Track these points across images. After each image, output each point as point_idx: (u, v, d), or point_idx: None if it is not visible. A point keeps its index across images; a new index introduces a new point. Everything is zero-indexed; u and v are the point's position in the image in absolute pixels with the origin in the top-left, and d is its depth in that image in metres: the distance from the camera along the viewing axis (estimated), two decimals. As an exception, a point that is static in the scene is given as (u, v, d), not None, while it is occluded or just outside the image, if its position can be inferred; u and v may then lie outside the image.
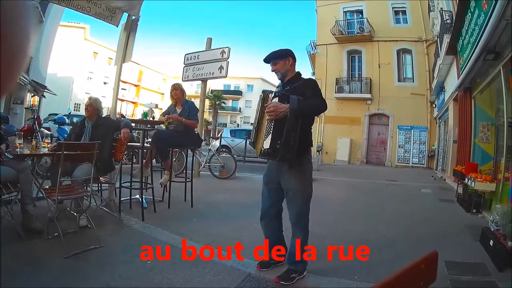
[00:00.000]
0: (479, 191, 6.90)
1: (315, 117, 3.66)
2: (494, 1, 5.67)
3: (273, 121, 3.17)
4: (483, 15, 6.47)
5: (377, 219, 6.34)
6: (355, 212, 6.96)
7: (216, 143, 15.42)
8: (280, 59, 3.52)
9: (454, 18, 10.11)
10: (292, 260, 3.47)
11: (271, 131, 3.17)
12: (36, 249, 3.71)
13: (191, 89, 49.12)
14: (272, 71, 3.57)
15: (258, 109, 3.41)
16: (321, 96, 3.42)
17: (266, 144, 3.17)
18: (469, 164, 8.49)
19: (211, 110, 53.28)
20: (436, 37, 17.49)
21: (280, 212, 3.68)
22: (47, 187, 4.46)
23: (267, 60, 3.58)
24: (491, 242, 4.35)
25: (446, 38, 11.72)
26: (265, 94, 3.43)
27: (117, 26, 5.86)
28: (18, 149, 4.42)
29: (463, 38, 9.10)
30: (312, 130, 3.62)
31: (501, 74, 6.82)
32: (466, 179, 7.54)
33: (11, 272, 3.11)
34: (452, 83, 12.35)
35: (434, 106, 20.47)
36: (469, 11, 8.13)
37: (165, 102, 49.99)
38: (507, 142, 6.58)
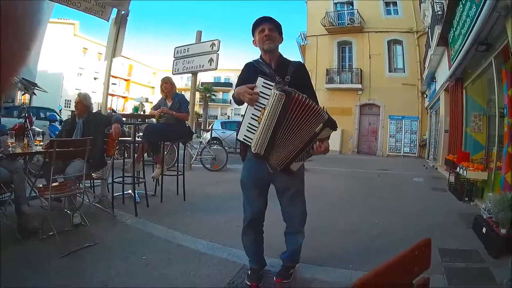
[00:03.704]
0: (471, 179, 6.95)
1: None
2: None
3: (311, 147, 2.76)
4: (474, 6, 6.48)
5: (370, 208, 6.40)
6: (347, 201, 6.99)
7: (207, 136, 15.32)
8: (278, 30, 3.04)
9: (445, 9, 10.12)
10: (292, 258, 3.38)
11: (308, 156, 2.85)
12: (32, 250, 3.69)
13: (181, 82, 48.97)
14: (265, 35, 2.94)
15: (275, 112, 2.67)
16: (314, 89, 3.09)
17: (295, 166, 2.84)
18: (461, 153, 8.54)
19: (201, 103, 53.17)
20: (427, 28, 17.53)
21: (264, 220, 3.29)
22: (41, 185, 4.42)
23: (264, 19, 3.00)
24: (484, 230, 4.39)
25: (438, 29, 11.75)
26: (289, 95, 2.65)
27: (107, 21, 5.81)
28: (10, 148, 4.38)
29: (454, 29, 9.12)
30: None
31: (493, 66, 6.86)
32: (458, 168, 7.59)
33: (9, 273, 3.09)
34: (443, 73, 12.39)
35: (425, 96, 20.58)
36: (460, 2, 8.14)
37: (156, 96, 49.74)
38: (499, 132, 6.62)
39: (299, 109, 2.63)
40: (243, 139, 2.83)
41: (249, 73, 3.01)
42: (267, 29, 2.95)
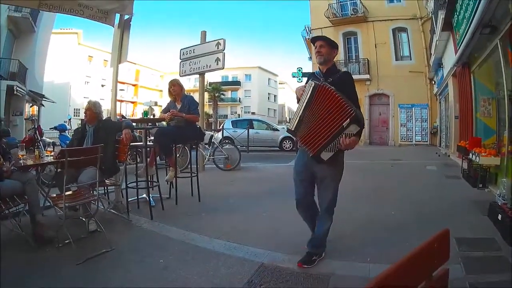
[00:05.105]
0: (484, 165, 6.90)
1: None
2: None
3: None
4: (477, -12, 6.43)
5: (385, 199, 6.37)
6: (362, 193, 6.93)
7: (219, 135, 15.29)
8: (329, 46, 3.54)
9: (447, -7, 10.02)
10: (316, 243, 3.59)
11: (335, 149, 3.24)
12: (49, 258, 3.70)
13: (189, 83, 48.98)
14: (316, 51, 3.52)
15: (306, 96, 3.27)
16: (357, 97, 3.51)
17: (326, 156, 3.26)
18: (473, 139, 8.47)
19: (210, 103, 53.26)
20: (430, 14, 17.37)
21: (314, 201, 3.71)
22: (54, 195, 4.45)
23: (317, 38, 3.63)
24: (500, 216, 4.35)
25: (441, 14, 11.62)
26: (318, 84, 3.24)
27: (113, 26, 5.81)
28: (21, 161, 4.41)
29: (458, 13, 9.03)
30: None
31: (499, 48, 6.79)
32: (470, 154, 7.51)
33: (26, 283, 3.14)
34: (450, 59, 12.28)
35: (433, 83, 20.43)
36: (463, -15, 8.06)
37: (164, 99, 49.76)
38: (509, 115, 6.55)
39: (325, 97, 3.15)
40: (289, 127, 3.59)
41: (309, 78, 3.56)
42: (318, 46, 3.52)
